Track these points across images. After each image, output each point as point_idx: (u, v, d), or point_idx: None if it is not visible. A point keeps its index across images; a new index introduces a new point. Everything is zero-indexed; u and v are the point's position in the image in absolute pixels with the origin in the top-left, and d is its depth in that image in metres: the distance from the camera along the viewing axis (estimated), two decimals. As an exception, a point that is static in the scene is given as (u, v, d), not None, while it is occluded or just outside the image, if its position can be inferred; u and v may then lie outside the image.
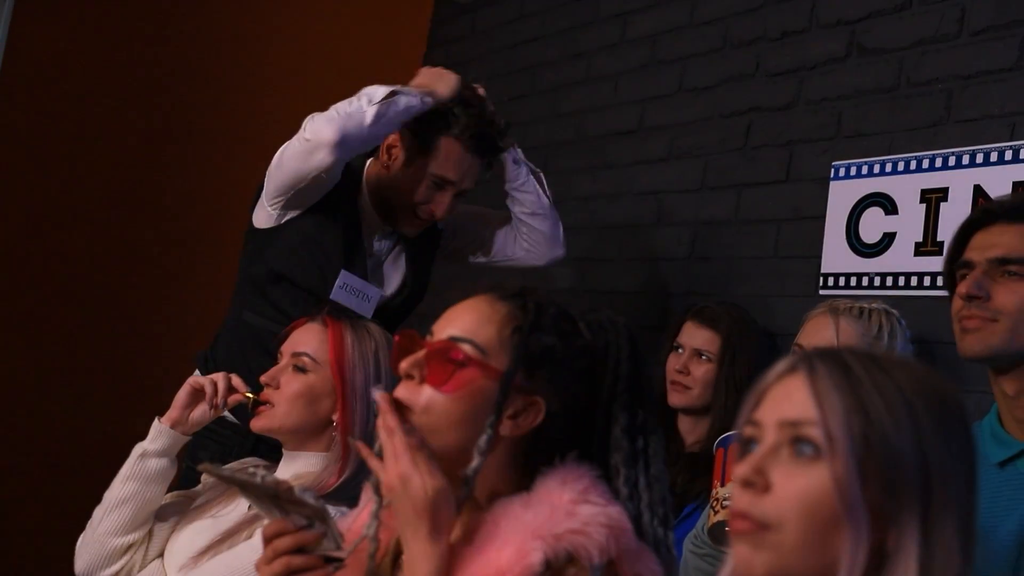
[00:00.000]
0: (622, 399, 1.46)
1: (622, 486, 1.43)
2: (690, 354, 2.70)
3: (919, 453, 0.97)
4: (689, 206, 3.21)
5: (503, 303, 1.46)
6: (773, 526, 0.99)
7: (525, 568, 1.29)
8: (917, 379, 1.02)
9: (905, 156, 2.62)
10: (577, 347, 1.46)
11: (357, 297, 2.64)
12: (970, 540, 0.98)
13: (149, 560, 2.04)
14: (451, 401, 1.41)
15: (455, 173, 2.62)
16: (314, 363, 2.01)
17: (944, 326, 2.48)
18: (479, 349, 1.42)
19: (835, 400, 0.99)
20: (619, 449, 1.45)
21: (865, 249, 2.67)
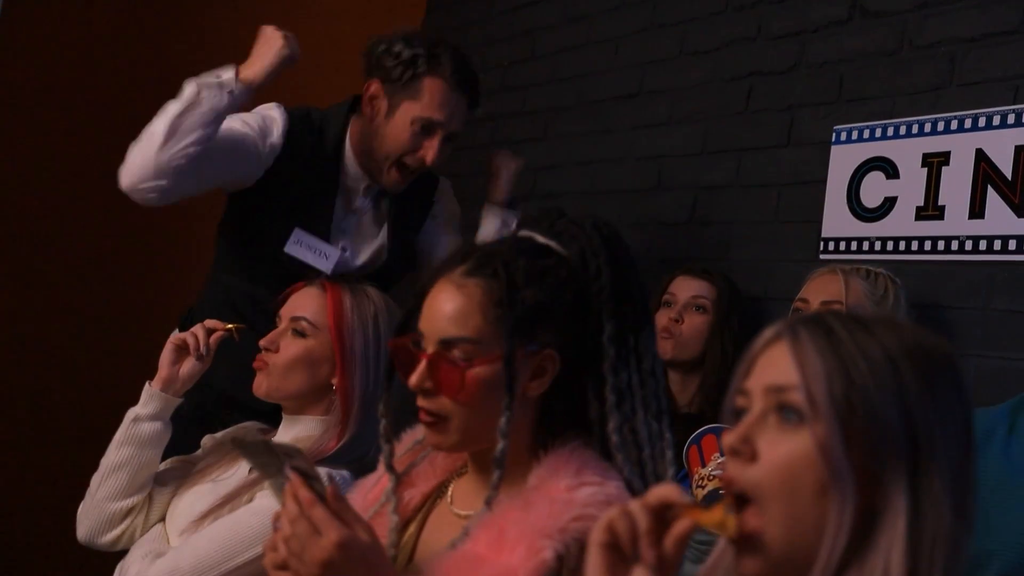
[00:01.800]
0: (607, 308, 1.44)
1: (609, 394, 1.43)
2: (684, 304, 2.70)
3: (904, 413, 0.97)
4: (690, 171, 3.20)
5: (472, 280, 1.43)
6: (759, 495, 0.99)
7: (538, 565, 1.30)
8: (904, 339, 1.01)
9: (907, 120, 2.60)
10: (560, 281, 1.44)
11: (314, 253, 2.61)
12: (964, 498, 0.98)
13: (150, 524, 2.05)
14: (472, 404, 1.41)
15: (442, 114, 2.57)
16: (313, 328, 2.01)
17: (943, 290, 2.48)
18: (472, 342, 1.41)
19: (817, 364, 0.99)
20: (606, 357, 1.43)
21: (866, 213, 2.66)
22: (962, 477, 0.98)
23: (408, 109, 2.57)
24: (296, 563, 1.30)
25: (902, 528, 0.95)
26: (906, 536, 0.94)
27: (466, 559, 1.35)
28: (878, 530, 0.96)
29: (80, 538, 2.08)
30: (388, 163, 2.61)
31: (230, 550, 1.82)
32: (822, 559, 0.96)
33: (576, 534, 1.31)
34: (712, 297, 2.69)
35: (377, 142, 2.61)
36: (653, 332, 1.51)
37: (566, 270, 1.46)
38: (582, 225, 1.49)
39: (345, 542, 1.28)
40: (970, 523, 0.99)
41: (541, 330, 1.42)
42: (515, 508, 1.36)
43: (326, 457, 1.93)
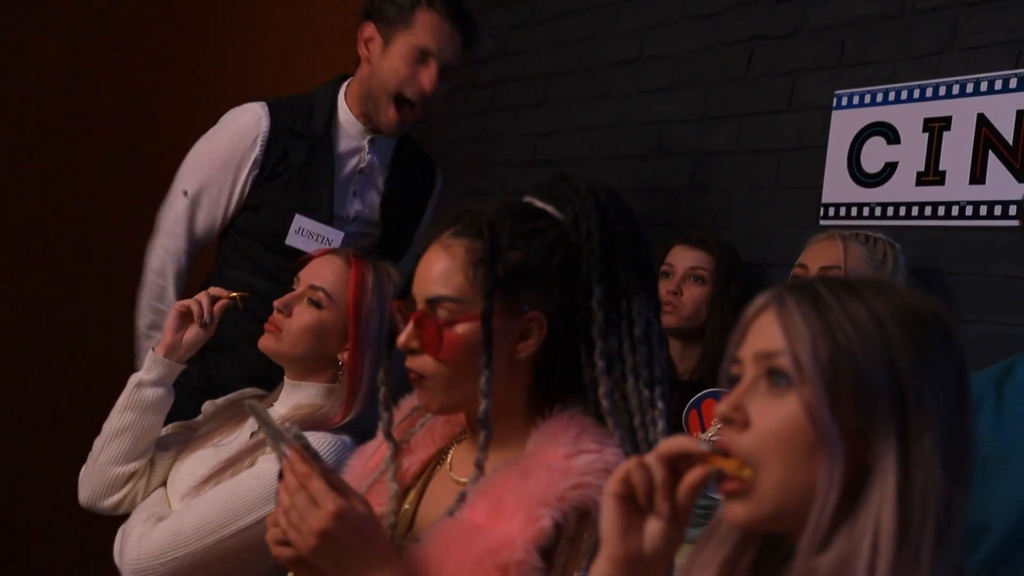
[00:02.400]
0: (596, 272, 1.43)
1: (598, 359, 1.43)
2: (683, 275, 2.71)
3: (892, 373, 0.98)
4: (690, 136, 3.19)
5: (458, 240, 1.43)
6: (754, 464, 1.00)
7: (537, 533, 1.31)
8: (892, 300, 1.02)
9: (908, 85, 2.59)
10: (548, 243, 1.44)
11: (317, 242, 2.64)
12: (957, 457, 0.98)
13: (152, 489, 2.06)
14: (452, 361, 1.42)
15: (435, 42, 2.61)
16: (329, 301, 2.00)
17: (943, 256, 2.48)
18: (455, 301, 1.41)
19: (801, 328, 1.00)
20: (595, 322, 1.43)
21: (866, 179, 2.66)
22: (955, 436, 0.99)
23: (402, 40, 2.61)
24: (295, 534, 1.32)
25: (892, 487, 0.95)
26: (896, 494, 0.95)
27: (465, 528, 1.35)
28: (869, 489, 0.97)
29: (82, 502, 2.09)
30: (386, 99, 2.64)
31: (232, 513, 1.83)
32: (813, 519, 0.96)
33: (574, 502, 1.32)
34: (710, 267, 2.69)
35: (375, 80, 2.65)
36: (650, 298, 1.49)
37: (556, 232, 1.45)
38: (578, 189, 1.49)
39: (342, 512, 1.30)
40: (965, 483, 1.00)
41: (525, 292, 1.42)
42: (513, 476, 1.36)
43: (328, 431, 1.93)
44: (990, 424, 1.76)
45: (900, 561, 0.94)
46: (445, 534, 1.36)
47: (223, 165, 2.65)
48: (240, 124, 2.67)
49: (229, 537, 1.83)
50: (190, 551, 1.84)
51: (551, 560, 1.32)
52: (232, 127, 2.69)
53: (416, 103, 2.65)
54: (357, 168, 2.73)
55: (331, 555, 1.32)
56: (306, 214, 2.64)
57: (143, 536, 1.87)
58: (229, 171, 2.65)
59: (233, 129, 2.68)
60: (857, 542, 0.95)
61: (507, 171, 3.86)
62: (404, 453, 1.57)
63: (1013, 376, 1.83)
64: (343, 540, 1.30)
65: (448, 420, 1.60)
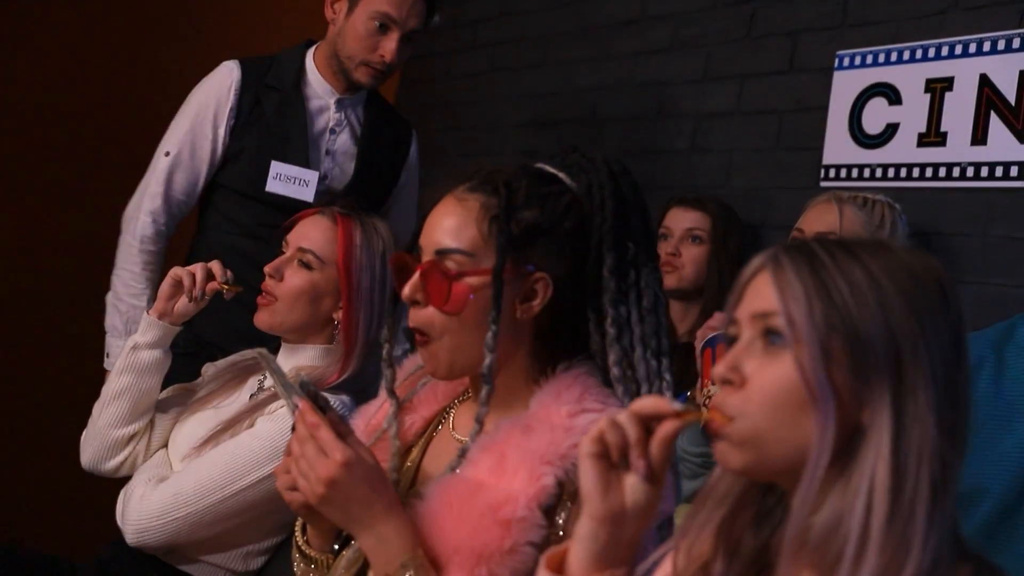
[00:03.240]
0: (608, 240, 1.44)
1: (609, 327, 1.44)
2: (681, 236, 2.71)
3: (887, 331, 0.98)
4: (691, 97, 3.17)
5: (473, 195, 1.44)
6: (741, 419, 1.00)
7: (539, 490, 1.32)
8: (889, 260, 1.02)
9: (910, 45, 2.57)
10: (562, 207, 1.45)
11: (295, 184, 2.70)
12: (952, 416, 0.98)
13: (153, 451, 2.07)
14: (459, 315, 1.42)
15: (397, 10, 2.62)
16: (319, 262, 2.00)
17: (944, 217, 2.48)
18: (466, 254, 1.42)
19: (796, 287, 1.00)
20: (607, 290, 1.44)
21: (867, 140, 2.65)
22: (951, 396, 0.99)
23: (365, 5, 2.63)
24: (304, 483, 1.35)
25: (886, 445, 0.96)
26: (890, 453, 0.95)
27: (468, 484, 1.36)
28: (862, 448, 0.97)
29: (84, 464, 2.11)
30: (354, 64, 2.68)
31: (232, 474, 1.84)
32: (806, 478, 0.97)
33: (576, 460, 1.32)
34: (707, 227, 2.70)
35: (340, 44, 2.69)
36: (656, 272, 1.51)
37: (570, 198, 1.46)
38: (592, 159, 1.49)
39: (349, 462, 1.32)
40: (961, 443, 1.00)
41: (536, 252, 1.42)
42: (516, 433, 1.37)
43: (326, 389, 1.94)
44: (989, 387, 1.76)
45: (894, 519, 0.94)
46: (448, 491, 1.37)
47: (201, 119, 2.70)
48: (213, 79, 2.75)
49: (230, 497, 1.85)
50: (191, 511, 1.85)
51: (552, 517, 1.33)
52: (206, 84, 2.76)
53: (380, 69, 2.69)
54: (328, 127, 2.77)
55: (338, 504, 1.34)
56: (283, 160, 2.69)
57: (144, 497, 1.89)
58: (208, 124, 2.70)
59: (207, 85, 2.75)
60: (851, 500, 0.96)
61: (507, 133, 3.84)
62: (407, 411, 1.58)
63: (1013, 338, 1.83)
64: (350, 489, 1.33)
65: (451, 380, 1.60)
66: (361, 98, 2.82)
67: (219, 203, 2.77)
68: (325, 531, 1.49)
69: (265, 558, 1.98)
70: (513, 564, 1.30)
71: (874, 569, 0.93)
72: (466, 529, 1.32)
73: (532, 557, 1.30)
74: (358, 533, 1.37)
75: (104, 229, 2.86)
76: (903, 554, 0.94)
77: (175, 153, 2.71)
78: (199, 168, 2.72)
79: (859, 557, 0.94)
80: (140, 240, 2.70)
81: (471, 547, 1.31)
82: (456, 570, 1.31)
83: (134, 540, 1.89)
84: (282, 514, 1.88)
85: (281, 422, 1.86)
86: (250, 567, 1.97)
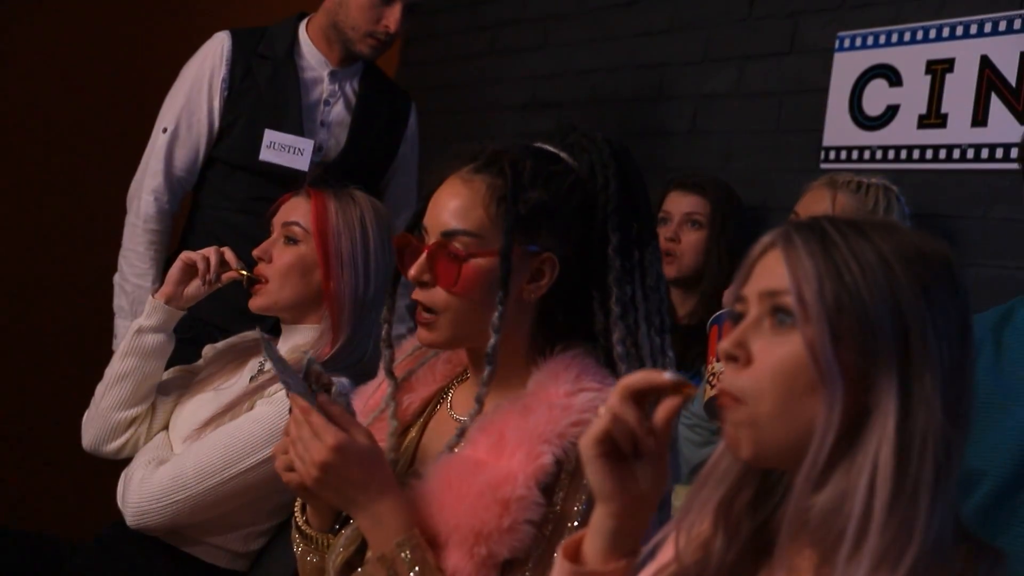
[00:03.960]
0: (613, 220, 1.45)
1: (614, 305, 1.45)
2: (680, 221, 2.71)
3: (896, 313, 0.97)
4: (690, 79, 3.16)
5: (479, 176, 1.44)
6: (750, 400, 1.00)
7: (538, 469, 1.32)
8: (899, 241, 1.01)
9: (911, 26, 2.56)
10: (567, 187, 1.45)
11: (289, 153, 2.69)
12: (957, 399, 0.98)
13: (154, 433, 2.08)
14: (467, 296, 1.42)
15: None
16: (305, 232, 2.01)
17: (944, 199, 2.47)
18: (473, 236, 1.42)
19: (808, 266, 0.99)
20: (611, 269, 1.45)
21: (868, 122, 2.64)
22: (956, 379, 0.99)
23: None
24: (300, 465, 1.37)
25: (892, 427, 0.95)
26: (895, 435, 0.95)
27: (466, 463, 1.37)
28: (868, 429, 0.97)
29: (85, 446, 2.11)
30: (359, 35, 2.68)
31: (232, 456, 1.85)
32: (810, 457, 0.97)
33: (574, 439, 1.33)
34: (706, 211, 2.69)
35: (342, 15, 2.69)
36: (658, 249, 1.52)
37: (574, 178, 1.46)
38: (593, 138, 1.50)
39: (341, 446, 1.34)
40: (964, 426, 1.00)
41: (542, 233, 1.43)
42: (514, 413, 1.38)
43: (322, 363, 1.94)
44: (989, 371, 1.76)
45: (897, 501, 0.94)
46: (447, 469, 1.38)
47: (195, 91, 2.71)
48: (205, 51, 2.75)
49: (229, 479, 1.85)
50: (191, 494, 1.86)
51: (551, 495, 1.34)
52: (198, 56, 2.76)
53: (382, 39, 2.69)
54: (322, 98, 2.77)
55: (332, 486, 1.36)
56: (276, 128, 2.69)
57: (145, 479, 1.89)
58: (203, 95, 2.70)
59: (199, 57, 2.75)
60: (854, 481, 0.96)
61: (507, 114, 3.83)
62: (405, 391, 1.59)
63: (1012, 321, 1.83)
64: (343, 472, 1.34)
65: (449, 360, 1.61)
66: (356, 70, 2.81)
67: (212, 178, 2.77)
68: (324, 511, 1.50)
69: (265, 539, 1.98)
70: (511, 542, 1.30)
71: (875, 549, 0.93)
72: (464, 508, 1.33)
73: (530, 535, 1.31)
74: (354, 514, 1.38)
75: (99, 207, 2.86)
76: (905, 536, 0.94)
77: (172, 128, 2.71)
78: (198, 141, 2.72)
79: (860, 537, 0.94)
80: (144, 220, 2.71)
81: (470, 525, 1.31)
82: (455, 548, 1.32)
83: (134, 522, 1.89)
84: (282, 496, 1.88)
85: (280, 405, 1.86)
86: (250, 548, 1.98)
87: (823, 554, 0.99)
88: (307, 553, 1.52)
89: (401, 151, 2.93)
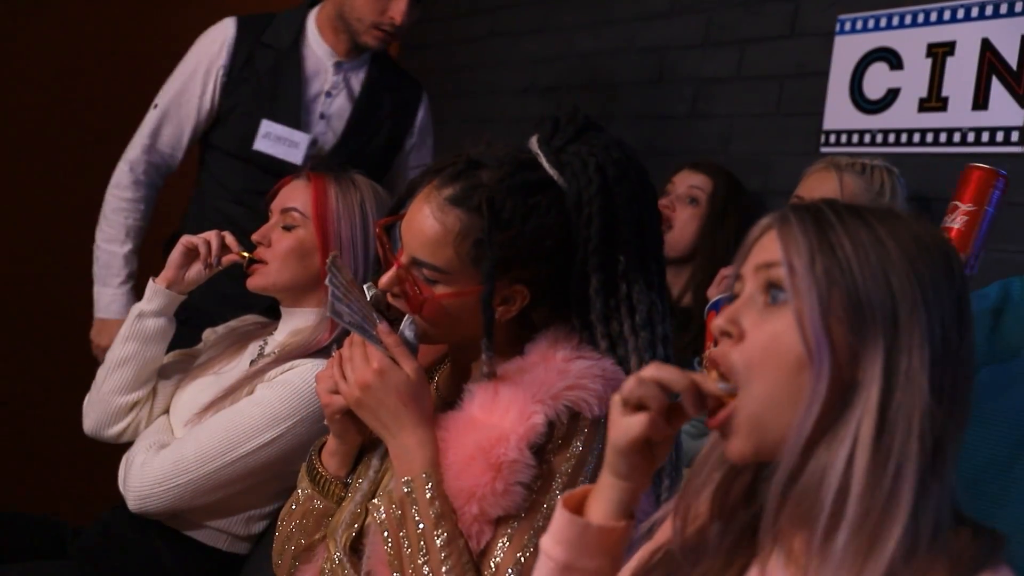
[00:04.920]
0: (592, 260, 1.44)
1: (601, 340, 1.46)
2: (680, 194, 2.68)
3: (886, 290, 0.98)
4: (691, 63, 3.15)
5: (455, 211, 1.42)
6: (744, 377, 1.00)
7: (529, 429, 1.34)
8: (896, 225, 1.02)
9: (912, 9, 2.56)
10: (546, 226, 1.42)
11: (284, 145, 2.69)
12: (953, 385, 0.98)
13: (155, 417, 2.08)
14: (432, 322, 1.47)
15: None
16: (303, 218, 2.01)
17: (944, 183, 2.47)
18: (442, 272, 1.43)
19: (800, 240, 1.00)
20: (593, 309, 1.45)
21: (868, 105, 2.64)
22: (950, 362, 0.99)
23: None
24: (343, 384, 1.44)
25: (874, 401, 0.96)
26: (877, 408, 0.96)
27: (459, 422, 1.41)
28: (852, 404, 0.97)
29: (86, 430, 2.12)
30: (364, 27, 2.67)
31: (233, 440, 1.85)
32: (794, 430, 0.97)
33: (567, 402, 1.36)
34: (707, 189, 2.66)
35: (348, 6, 2.67)
36: (653, 282, 1.49)
37: (555, 213, 1.43)
38: (586, 163, 1.45)
39: (384, 370, 1.41)
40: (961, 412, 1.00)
41: (515, 269, 1.43)
42: (511, 370, 1.41)
43: (320, 349, 1.94)
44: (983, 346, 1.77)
45: (877, 474, 0.95)
46: (443, 428, 1.42)
47: (192, 74, 2.71)
48: (208, 35, 2.75)
49: (230, 463, 1.85)
50: (192, 478, 1.86)
51: (541, 455, 1.36)
52: (201, 40, 2.76)
53: (389, 31, 2.67)
54: (324, 90, 2.75)
55: (370, 408, 1.43)
56: (272, 118, 2.68)
57: (146, 463, 1.90)
58: (197, 79, 2.71)
59: (202, 42, 2.76)
60: (835, 453, 0.96)
61: (506, 98, 3.82)
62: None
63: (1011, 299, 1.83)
64: (381, 395, 1.41)
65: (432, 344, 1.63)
66: (363, 62, 2.78)
67: (211, 165, 2.78)
68: (345, 452, 1.56)
69: (266, 522, 1.99)
70: (503, 503, 1.34)
71: (854, 521, 0.94)
72: (456, 469, 1.36)
73: (522, 496, 1.34)
74: (386, 439, 1.44)
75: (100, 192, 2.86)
76: (889, 513, 0.94)
77: (162, 106, 2.73)
78: (184, 123, 2.73)
79: (838, 507, 0.95)
80: (114, 185, 2.75)
81: (461, 487, 1.35)
82: None
83: (136, 507, 1.90)
84: (284, 480, 1.89)
85: (281, 389, 1.87)
86: (252, 531, 1.99)
87: (807, 527, 0.99)
88: (312, 499, 1.56)
89: (408, 144, 2.90)
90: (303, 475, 1.59)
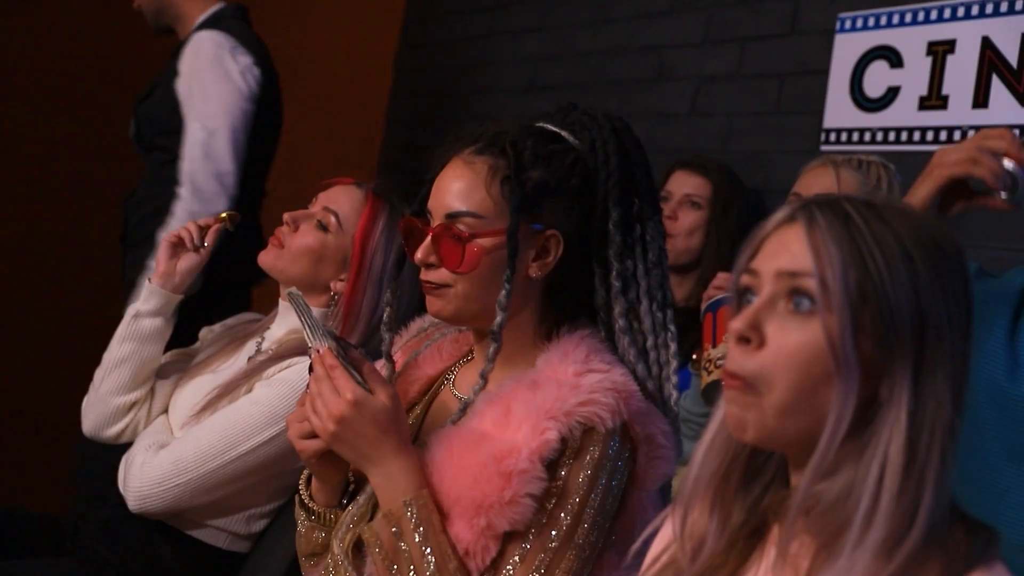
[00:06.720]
0: (613, 194, 1.47)
1: (615, 280, 1.47)
2: (679, 200, 2.67)
3: (915, 305, 0.96)
4: (691, 61, 3.15)
5: (480, 158, 1.45)
6: (764, 385, 0.99)
7: (542, 444, 1.33)
8: (915, 227, 1.00)
9: (912, 7, 2.55)
10: (568, 164, 1.46)
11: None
12: (961, 390, 0.98)
13: (154, 417, 2.08)
14: (474, 275, 1.44)
15: None
16: (338, 227, 1.99)
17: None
18: (477, 217, 1.43)
19: (833, 252, 0.97)
20: (612, 244, 1.47)
21: (868, 104, 2.63)
22: (962, 369, 0.98)
23: None
24: (317, 421, 1.38)
25: (904, 419, 0.95)
26: (907, 427, 0.95)
27: (471, 435, 1.38)
28: (879, 420, 0.96)
29: (86, 431, 2.12)
30: None
31: (231, 439, 1.85)
32: (822, 446, 0.96)
33: (580, 418, 1.35)
34: (707, 193, 2.66)
35: None
36: (661, 224, 1.53)
37: (574, 155, 1.47)
38: (594, 116, 1.51)
39: (359, 401, 1.35)
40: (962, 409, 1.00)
41: (546, 210, 1.44)
42: (522, 388, 1.39)
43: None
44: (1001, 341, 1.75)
45: (904, 491, 0.94)
46: (451, 440, 1.40)
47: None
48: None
49: (230, 463, 1.85)
50: (191, 477, 1.86)
51: (554, 471, 1.34)
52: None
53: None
54: None
55: (348, 441, 1.37)
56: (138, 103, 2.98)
57: (145, 464, 1.89)
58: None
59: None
60: (864, 472, 0.95)
61: (506, 97, 3.82)
62: (412, 369, 1.61)
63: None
64: (359, 427, 1.36)
65: (456, 340, 1.63)
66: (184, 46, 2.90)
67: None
68: (331, 487, 1.51)
69: (266, 521, 1.99)
70: (511, 514, 1.32)
71: (879, 539, 0.93)
72: (467, 479, 1.34)
73: (531, 508, 1.32)
74: (367, 470, 1.39)
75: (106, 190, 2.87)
76: (909, 524, 0.94)
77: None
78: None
79: (866, 526, 0.94)
80: None
81: (471, 497, 1.33)
82: (456, 519, 1.34)
83: (136, 507, 1.90)
84: (283, 478, 1.89)
85: (279, 387, 1.87)
86: (252, 530, 1.99)
87: (823, 542, 0.99)
88: (312, 530, 1.53)
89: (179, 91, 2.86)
90: (298, 510, 1.57)
